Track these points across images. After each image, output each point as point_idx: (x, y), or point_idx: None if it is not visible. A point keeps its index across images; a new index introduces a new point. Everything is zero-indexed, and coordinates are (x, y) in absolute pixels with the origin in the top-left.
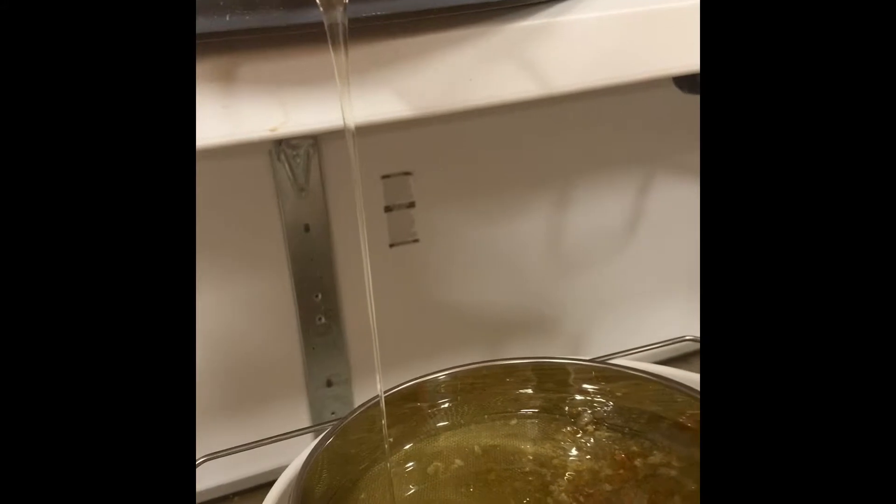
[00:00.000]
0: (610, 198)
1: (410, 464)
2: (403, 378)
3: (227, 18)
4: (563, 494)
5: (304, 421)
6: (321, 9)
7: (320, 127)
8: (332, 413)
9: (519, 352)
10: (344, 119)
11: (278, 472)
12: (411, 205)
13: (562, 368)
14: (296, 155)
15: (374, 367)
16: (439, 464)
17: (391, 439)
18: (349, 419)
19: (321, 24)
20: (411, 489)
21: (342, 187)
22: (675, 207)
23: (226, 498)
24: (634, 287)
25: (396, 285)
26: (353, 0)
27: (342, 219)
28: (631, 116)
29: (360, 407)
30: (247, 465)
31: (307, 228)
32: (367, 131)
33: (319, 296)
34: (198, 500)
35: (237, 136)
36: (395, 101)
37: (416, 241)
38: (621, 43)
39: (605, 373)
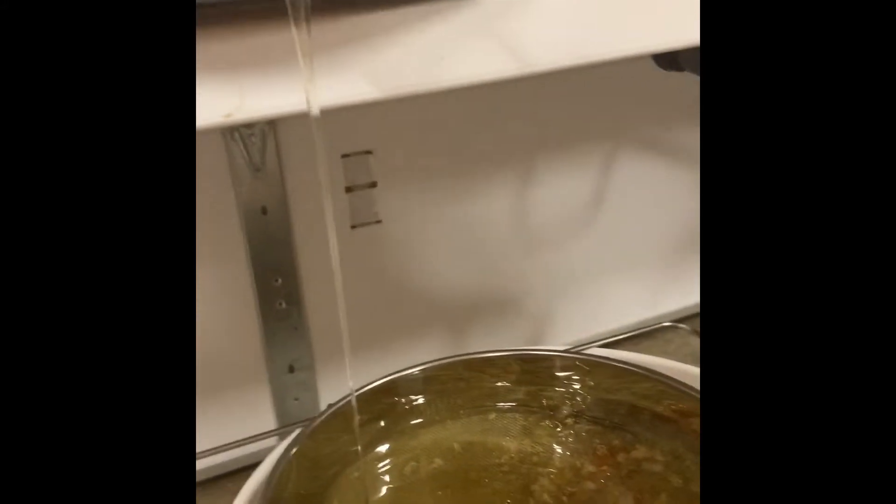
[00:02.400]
0: (574, 175)
1: (386, 464)
2: (368, 364)
3: None
4: (545, 495)
5: (267, 408)
6: None
7: (278, 112)
8: (296, 399)
9: (485, 333)
10: (309, 105)
11: (235, 462)
12: (373, 185)
13: (539, 359)
14: (251, 134)
15: (338, 351)
16: (416, 463)
17: (361, 442)
18: (318, 421)
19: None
20: (387, 492)
21: (301, 167)
22: (640, 183)
23: None
24: (600, 265)
25: (359, 268)
26: None
27: (301, 200)
28: (594, 91)
29: (330, 407)
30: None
31: (264, 211)
32: (325, 108)
33: (279, 280)
34: None
35: None
36: (362, 82)
37: (378, 222)
38: (603, 19)
39: (582, 363)
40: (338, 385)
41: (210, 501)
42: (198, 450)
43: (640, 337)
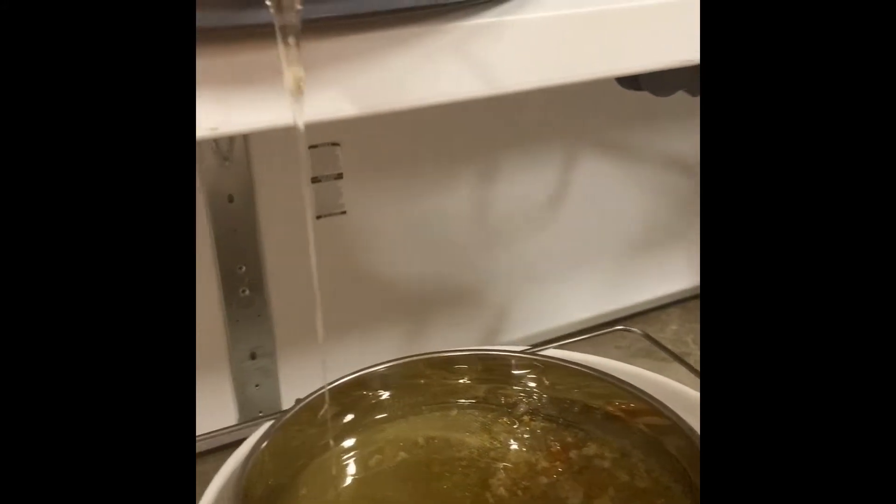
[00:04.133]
0: (535, 172)
1: (352, 455)
2: (328, 354)
3: None
4: (501, 488)
5: (228, 393)
6: (272, 10)
7: (262, 126)
8: (257, 385)
9: (444, 325)
10: (296, 123)
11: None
12: (339, 176)
13: (498, 359)
14: None
15: (299, 339)
16: (380, 455)
17: (329, 434)
18: (289, 415)
19: (270, 24)
20: (352, 482)
21: (268, 156)
22: (598, 182)
23: None
24: (558, 261)
25: (323, 258)
26: (306, 1)
27: (268, 189)
28: (556, 93)
29: (299, 401)
30: None
31: (231, 199)
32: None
33: (243, 268)
34: None
35: None
36: (342, 100)
37: (343, 212)
38: (567, 43)
39: (539, 364)
40: (299, 372)
41: None
42: None
43: (595, 338)
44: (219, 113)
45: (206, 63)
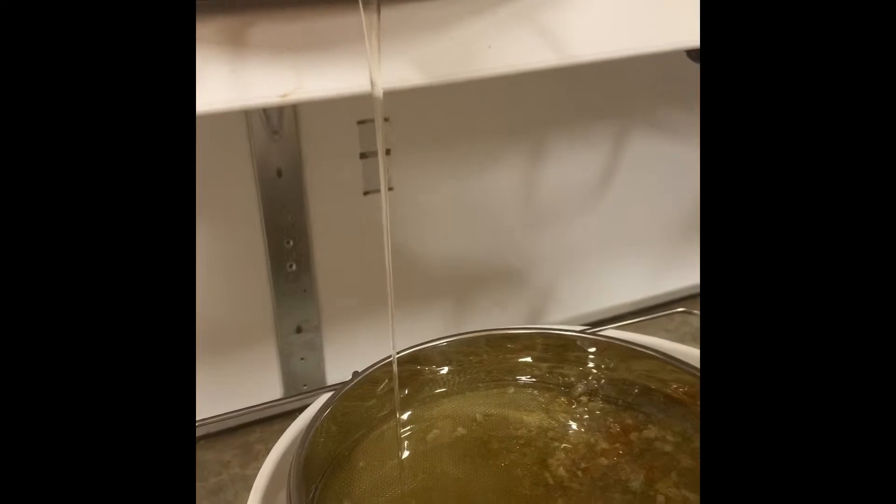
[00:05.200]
0: (585, 151)
1: (410, 429)
2: (375, 328)
3: None
4: (560, 468)
5: (273, 365)
6: None
7: (334, 94)
8: (302, 359)
9: (489, 304)
10: (373, 86)
11: (239, 416)
12: (387, 152)
13: (556, 338)
14: None
15: (344, 314)
16: (438, 430)
17: (391, 407)
18: (348, 386)
19: None
20: (410, 455)
21: (317, 131)
22: (649, 163)
23: None
24: (606, 242)
25: (369, 233)
26: None
27: (316, 164)
28: (607, 71)
29: (357, 374)
30: (209, 407)
31: (279, 173)
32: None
33: (291, 242)
34: None
35: (246, 101)
36: (413, 68)
37: (390, 188)
38: (641, 13)
39: (599, 344)
40: (343, 346)
41: (218, 453)
42: (213, 408)
43: (655, 320)
44: (291, 80)
45: (281, 29)
